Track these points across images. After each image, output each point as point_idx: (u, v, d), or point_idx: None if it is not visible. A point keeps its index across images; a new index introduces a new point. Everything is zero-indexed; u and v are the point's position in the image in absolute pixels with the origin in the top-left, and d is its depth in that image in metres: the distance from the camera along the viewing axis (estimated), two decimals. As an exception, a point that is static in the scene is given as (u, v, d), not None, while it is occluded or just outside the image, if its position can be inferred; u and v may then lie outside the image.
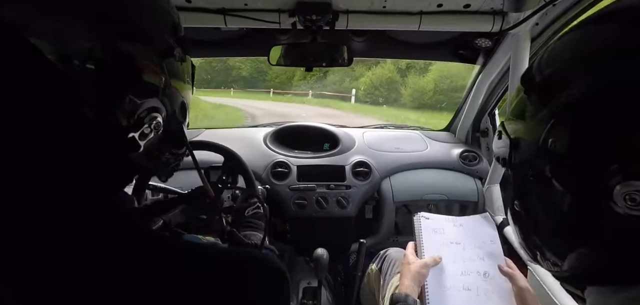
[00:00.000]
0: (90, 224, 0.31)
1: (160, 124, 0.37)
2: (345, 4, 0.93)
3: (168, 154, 0.44)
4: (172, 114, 0.41)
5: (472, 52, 1.25)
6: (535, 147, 0.31)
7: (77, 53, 0.30)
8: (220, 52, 1.38)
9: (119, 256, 0.32)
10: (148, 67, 0.36)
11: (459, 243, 0.83)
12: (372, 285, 1.01)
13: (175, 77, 0.41)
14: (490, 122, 1.48)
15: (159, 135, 0.38)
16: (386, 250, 1.03)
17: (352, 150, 1.44)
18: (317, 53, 1.10)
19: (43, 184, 0.30)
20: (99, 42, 0.31)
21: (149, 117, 0.36)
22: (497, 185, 1.26)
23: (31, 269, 0.28)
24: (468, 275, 0.77)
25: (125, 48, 0.33)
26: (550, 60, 0.34)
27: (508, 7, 0.88)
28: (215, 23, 0.96)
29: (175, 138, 0.43)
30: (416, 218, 0.90)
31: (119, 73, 0.33)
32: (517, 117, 0.36)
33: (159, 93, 0.38)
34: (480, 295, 0.73)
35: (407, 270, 0.75)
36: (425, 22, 0.97)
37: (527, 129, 0.33)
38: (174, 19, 0.41)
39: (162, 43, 0.38)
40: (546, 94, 0.32)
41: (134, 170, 0.43)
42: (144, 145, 0.36)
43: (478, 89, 1.36)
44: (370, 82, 12.84)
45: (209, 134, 1.52)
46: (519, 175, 0.36)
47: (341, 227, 1.33)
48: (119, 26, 0.33)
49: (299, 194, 1.30)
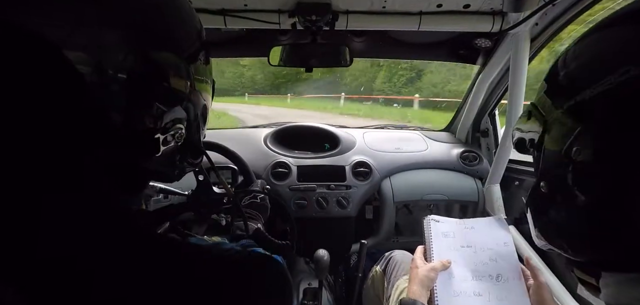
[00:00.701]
0: (95, 224, 0.31)
1: (183, 135, 0.38)
2: (345, 4, 0.93)
3: (185, 163, 0.45)
4: (195, 120, 0.41)
5: (472, 52, 1.25)
6: (570, 135, 0.31)
7: (110, 63, 0.30)
8: (220, 52, 1.38)
9: (125, 257, 0.32)
10: (177, 75, 0.36)
11: (470, 246, 0.80)
12: (376, 287, 1.00)
13: (200, 82, 0.41)
14: (490, 122, 1.48)
15: (180, 145, 0.39)
16: (391, 252, 1.02)
17: (352, 150, 1.44)
18: (317, 53, 1.10)
19: (48, 185, 0.30)
20: (131, 52, 0.31)
21: (175, 127, 0.37)
22: (497, 185, 1.26)
23: (33, 269, 0.28)
24: (479, 279, 0.75)
25: (156, 57, 0.34)
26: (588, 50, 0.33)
27: (508, 8, 0.88)
28: (215, 24, 0.97)
29: (194, 147, 0.44)
30: (426, 221, 0.86)
31: (149, 81, 0.33)
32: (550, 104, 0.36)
33: (185, 100, 0.38)
34: (492, 300, 0.71)
35: (414, 275, 0.73)
36: (425, 22, 0.97)
37: (560, 116, 0.33)
38: (198, 25, 0.42)
39: (190, 49, 0.39)
40: (576, 88, 0.32)
41: (150, 175, 0.43)
42: (164, 152, 0.36)
43: (478, 89, 1.36)
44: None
45: (209, 135, 1.52)
46: (549, 157, 0.35)
47: (341, 227, 1.33)
48: (151, 36, 0.34)
49: (299, 194, 1.30)
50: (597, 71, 0.30)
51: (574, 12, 0.90)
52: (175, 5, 0.38)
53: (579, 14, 0.90)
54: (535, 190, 0.38)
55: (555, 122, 0.34)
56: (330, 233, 1.32)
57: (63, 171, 0.30)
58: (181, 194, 0.90)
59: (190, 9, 0.41)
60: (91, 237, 0.31)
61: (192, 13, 0.41)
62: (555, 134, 0.34)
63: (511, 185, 1.29)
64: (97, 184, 0.33)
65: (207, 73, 0.44)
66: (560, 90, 0.35)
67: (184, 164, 0.45)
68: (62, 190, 0.30)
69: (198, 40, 0.41)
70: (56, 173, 0.30)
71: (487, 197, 1.29)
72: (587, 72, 0.32)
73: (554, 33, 0.99)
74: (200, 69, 0.41)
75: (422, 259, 0.78)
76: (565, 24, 0.95)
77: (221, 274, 0.37)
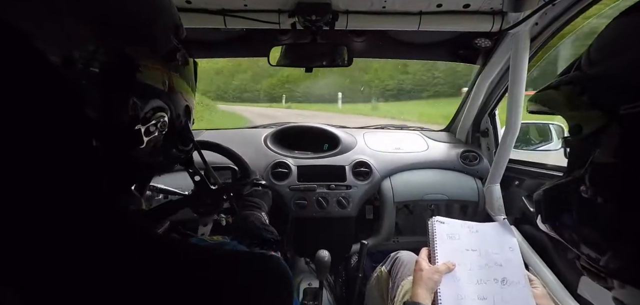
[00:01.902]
0: (94, 224, 0.31)
1: (167, 123, 0.38)
2: (345, 4, 0.93)
3: (175, 151, 0.44)
4: (177, 113, 0.41)
5: (472, 52, 1.25)
6: (600, 130, 0.29)
7: (82, 56, 0.30)
8: (220, 52, 1.39)
9: (124, 257, 0.32)
10: (152, 70, 0.36)
11: (475, 250, 0.79)
12: (381, 287, 1.00)
13: (178, 78, 0.41)
14: (490, 122, 1.48)
15: (165, 133, 0.39)
16: (397, 253, 1.02)
17: (352, 150, 1.44)
18: (317, 53, 1.10)
19: (45, 185, 0.30)
20: (103, 46, 0.31)
21: (156, 116, 0.36)
22: (498, 185, 1.26)
23: (33, 269, 0.28)
24: (484, 283, 0.74)
25: (129, 51, 0.33)
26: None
27: (507, 7, 0.89)
28: (215, 24, 0.97)
29: (181, 135, 0.43)
30: (430, 222, 0.85)
31: (122, 76, 0.33)
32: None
33: (163, 94, 0.38)
34: (497, 303, 0.70)
35: (418, 277, 0.73)
36: (424, 22, 0.97)
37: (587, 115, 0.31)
38: (176, 21, 0.42)
39: (166, 45, 0.39)
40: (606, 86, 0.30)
41: (141, 168, 0.43)
42: (148, 142, 0.36)
43: (478, 89, 1.37)
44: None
45: (209, 135, 1.53)
46: (580, 153, 0.33)
47: (342, 227, 1.33)
48: (123, 30, 0.33)
49: (299, 194, 1.30)
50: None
51: (574, 12, 0.90)
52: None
53: (579, 14, 0.90)
54: (567, 187, 0.34)
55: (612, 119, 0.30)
56: (330, 233, 1.32)
57: (53, 170, 0.30)
58: (181, 193, 0.91)
59: (167, 5, 0.41)
60: (90, 237, 0.31)
61: (170, 9, 0.41)
62: (612, 131, 0.30)
63: (511, 185, 1.29)
64: (94, 183, 0.33)
65: (187, 67, 0.43)
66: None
67: (174, 152, 0.45)
68: (58, 190, 0.30)
69: (173, 28, 0.40)
70: (46, 173, 0.30)
71: (487, 197, 1.29)
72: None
73: (554, 33, 0.99)
74: (177, 63, 0.41)
75: (426, 261, 0.77)
76: (565, 24, 0.95)
77: (221, 274, 0.37)
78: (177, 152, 0.45)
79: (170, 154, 0.44)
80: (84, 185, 0.32)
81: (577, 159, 0.34)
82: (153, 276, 0.33)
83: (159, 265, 0.34)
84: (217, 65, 14.44)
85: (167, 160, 0.44)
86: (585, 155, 0.32)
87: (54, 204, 0.30)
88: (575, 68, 0.35)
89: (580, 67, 0.34)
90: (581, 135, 0.33)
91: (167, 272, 0.34)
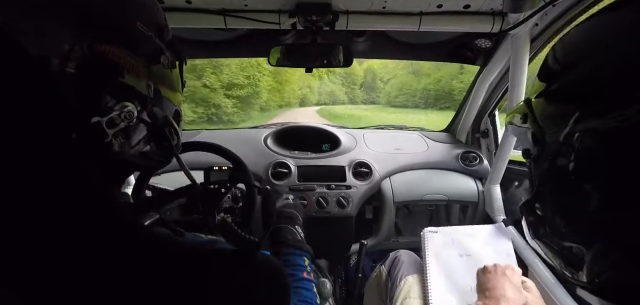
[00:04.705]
0: (84, 222, 0.31)
1: (133, 115, 0.36)
2: (345, 4, 0.93)
3: (155, 147, 0.42)
4: (152, 109, 0.40)
5: (472, 53, 1.25)
6: (564, 139, 0.29)
7: (56, 53, 0.30)
8: (220, 52, 1.38)
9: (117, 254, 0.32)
10: (128, 68, 0.36)
11: (469, 255, 0.79)
12: (379, 287, 1.00)
13: (160, 79, 0.41)
14: (490, 122, 1.48)
15: (134, 125, 0.38)
16: (396, 252, 1.02)
17: (352, 150, 1.44)
18: (317, 53, 1.10)
19: (27, 182, 0.29)
20: (77, 43, 0.31)
21: (119, 106, 0.35)
22: (497, 186, 1.26)
23: (27, 268, 0.28)
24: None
25: (103, 50, 0.33)
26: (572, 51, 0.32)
27: (508, 8, 0.88)
28: (216, 24, 0.97)
29: (158, 131, 0.42)
30: (422, 234, 0.85)
31: (96, 73, 0.33)
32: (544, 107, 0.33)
33: (137, 95, 0.37)
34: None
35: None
36: (425, 23, 0.97)
37: (554, 118, 0.31)
38: (159, 21, 0.42)
39: (146, 45, 0.39)
40: (571, 89, 0.30)
41: (122, 165, 0.42)
42: (113, 135, 0.35)
43: (478, 89, 1.36)
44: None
45: (207, 135, 1.53)
46: (547, 154, 0.33)
47: (341, 227, 1.33)
48: (99, 29, 0.33)
49: (299, 194, 1.30)
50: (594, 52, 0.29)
51: (574, 13, 0.90)
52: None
53: (579, 14, 0.90)
54: (535, 198, 0.36)
55: (552, 113, 0.32)
56: (330, 233, 1.32)
57: (42, 168, 0.30)
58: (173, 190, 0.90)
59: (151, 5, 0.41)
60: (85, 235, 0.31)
61: (153, 9, 0.41)
62: (554, 126, 0.31)
63: (511, 186, 1.29)
64: (84, 180, 0.32)
65: (170, 70, 0.43)
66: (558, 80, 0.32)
67: (154, 150, 0.42)
68: (40, 186, 0.30)
69: (155, 29, 0.40)
70: (35, 171, 0.30)
71: (487, 197, 1.29)
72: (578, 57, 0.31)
73: (554, 33, 0.99)
74: (158, 64, 0.40)
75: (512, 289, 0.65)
76: (566, 24, 0.95)
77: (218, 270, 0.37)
78: (157, 151, 0.43)
79: (151, 153, 0.42)
80: (68, 182, 0.31)
81: (537, 174, 0.35)
82: (148, 274, 0.33)
83: (157, 263, 0.34)
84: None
85: (151, 158, 0.42)
86: (540, 171, 0.34)
87: (44, 202, 0.30)
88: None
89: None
90: (538, 148, 0.34)
91: (166, 270, 0.34)
